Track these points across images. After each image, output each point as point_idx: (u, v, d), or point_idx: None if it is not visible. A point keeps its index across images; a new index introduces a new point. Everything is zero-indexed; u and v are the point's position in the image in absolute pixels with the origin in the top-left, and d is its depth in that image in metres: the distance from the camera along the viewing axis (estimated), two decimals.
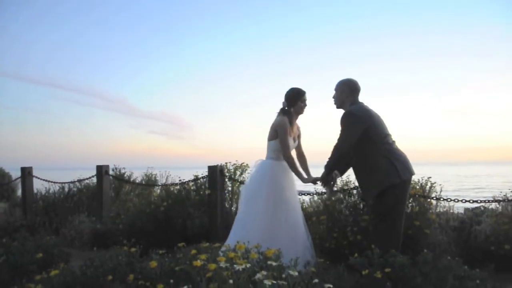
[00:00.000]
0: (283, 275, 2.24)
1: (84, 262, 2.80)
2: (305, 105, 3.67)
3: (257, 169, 3.73)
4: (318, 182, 3.58)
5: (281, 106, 3.71)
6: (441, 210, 4.58)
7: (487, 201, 4.06)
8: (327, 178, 3.48)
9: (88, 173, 6.83)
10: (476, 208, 4.45)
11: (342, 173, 3.58)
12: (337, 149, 3.28)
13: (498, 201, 4.06)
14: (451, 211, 4.45)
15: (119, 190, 6.80)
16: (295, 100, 3.64)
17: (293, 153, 3.77)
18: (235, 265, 2.13)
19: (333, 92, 3.50)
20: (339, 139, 3.29)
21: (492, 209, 4.37)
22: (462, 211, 4.74)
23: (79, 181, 6.65)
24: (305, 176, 3.73)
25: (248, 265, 2.17)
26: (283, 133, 3.57)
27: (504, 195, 4.19)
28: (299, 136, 3.84)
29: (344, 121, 3.27)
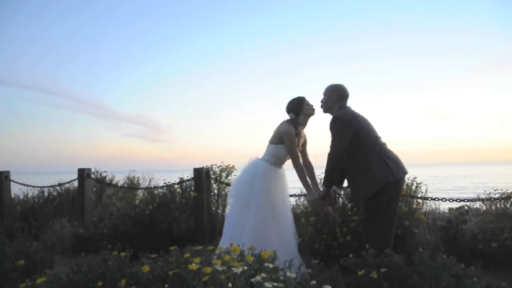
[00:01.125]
0: (281, 277, 2.20)
1: (71, 268, 2.69)
2: (311, 105, 3.61)
3: (250, 167, 3.66)
4: (321, 200, 3.46)
5: (287, 118, 3.65)
6: (427, 210, 4.65)
7: (473, 200, 4.12)
8: (329, 195, 3.39)
9: (66, 177, 6.66)
10: (461, 207, 4.52)
11: (340, 185, 3.55)
12: (331, 155, 3.25)
13: (484, 200, 4.13)
14: (438, 210, 4.51)
15: (101, 194, 6.64)
16: (300, 107, 3.58)
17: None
18: (233, 268, 2.07)
19: (321, 96, 3.51)
20: (331, 146, 3.27)
21: (476, 208, 4.46)
22: (445, 210, 4.82)
23: (60, 185, 6.46)
24: (312, 189, 3.62)
25: (246, 268, 2.13)
26: (290, 143, 3.50)
27: (487, 194, 4.28)
28: (304, 144, 3.77)
29: (333, 126, 3.27)
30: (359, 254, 2.78)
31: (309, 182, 3.61)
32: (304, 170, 3.60)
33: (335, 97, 3.39)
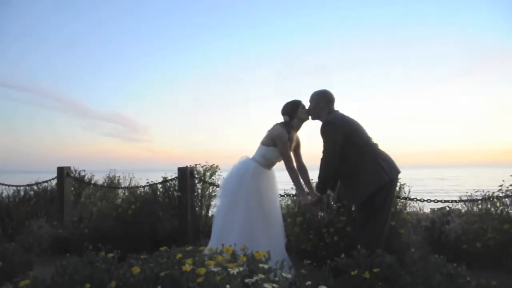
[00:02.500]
0: (276, 278, 2.17)
1: (56, 270, 2.58)
2: (307, 109, 3.58)
3: (239, 166, 3.61)
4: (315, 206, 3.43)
5: (281, 120, 3.61)
6: (410, 211, 4.72)
7: (457, 201, 4.20)
8: (323, 200, 3.37)
9: (41, 176, 6.44)
10: (442, 208, 4.61)
11: (333, 189, 3.53)
12: (324, 161, 3.23)
13: (467, 201, 4.22)
14: (422, 211, 4.58)
15: (80, 194, 6.46)
16: (294, 110, 3.54)
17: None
18: (229, 269, 2.03)
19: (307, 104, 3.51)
20: (324, 151, 3.25)
21: (458, 209, 4.54)
22: (428, 211, 4.90)
23: (37, 184, 6.25)
24: (306, 193, 3.58)
25: (241, 269, 2.09)
26: (283, 146, 3.46)
27: (469, 196, 4.37)
28: (297, 147, 3.73)
29: (324, 131, 3.26)
30: (351, 254, 2.79)
31: (303, 186, 3.58)
32: (298, 173, 3.57)
33: (322, 103, 3.40)
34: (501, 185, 4.13)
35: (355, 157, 3.18)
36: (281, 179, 3.84)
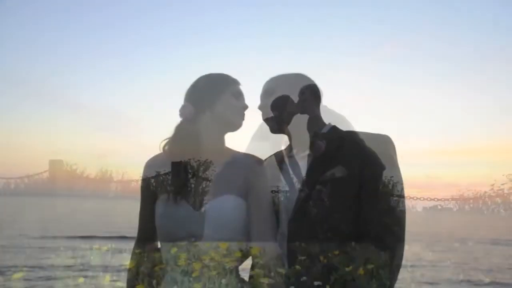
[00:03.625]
0: (271, 273, 2.18)
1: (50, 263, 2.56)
2: None
3: (236, 162, 3.62)
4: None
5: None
6: (403, 208, 4.76)
7: (450, 199, 4.24)
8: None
9: (33, 169, 6.40)
10: (434, 206, 4.65)
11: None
12: None
13: (465, 199, 4.26)
14: (415, 209, 4.62)
15: (72, 187, 6.44)
16: None
17: None
18: (225, 264, 2.04)
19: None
20: None
21: (450, 208, 4.60)
22: (420, 209, 4.95)
23: (28, 176, 6.20)
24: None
25: (237, 263, 2.10)
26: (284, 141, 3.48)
27: (460, 194, 4.42)
28: None
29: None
30: (345, 250, 2.80)
31: None
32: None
33: (309, 99, 3.40)
34: (492, 184, 4.19)
35: None
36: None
